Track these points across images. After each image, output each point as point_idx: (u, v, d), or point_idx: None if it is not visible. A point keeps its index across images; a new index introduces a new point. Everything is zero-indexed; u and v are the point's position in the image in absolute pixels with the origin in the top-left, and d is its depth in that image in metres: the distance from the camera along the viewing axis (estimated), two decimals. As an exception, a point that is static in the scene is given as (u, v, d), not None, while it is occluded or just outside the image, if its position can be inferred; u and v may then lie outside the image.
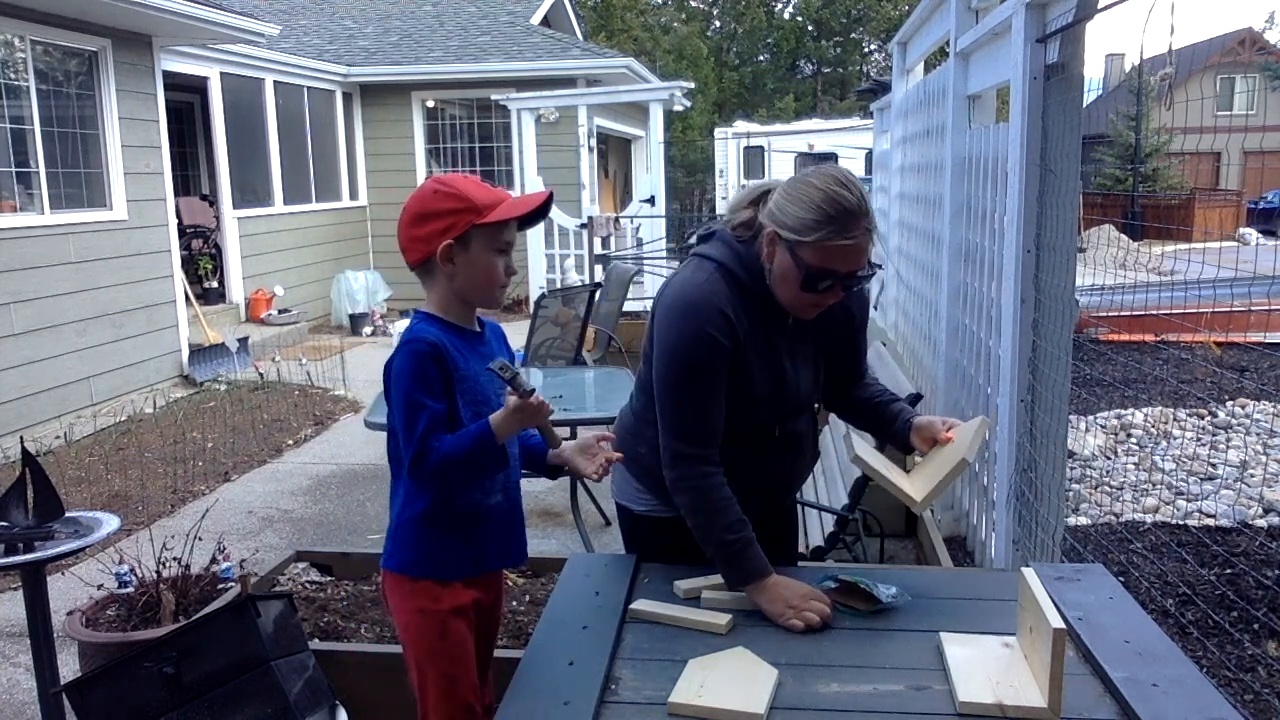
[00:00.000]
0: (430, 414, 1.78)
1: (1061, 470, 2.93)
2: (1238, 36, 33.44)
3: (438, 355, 1.80)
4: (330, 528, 4.92)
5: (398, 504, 1.93)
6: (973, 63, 4.18)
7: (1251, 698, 2.93)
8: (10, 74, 6.70)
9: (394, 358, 1.84)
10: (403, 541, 1.92)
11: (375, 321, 10.97)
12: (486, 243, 1.85)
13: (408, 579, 1.92)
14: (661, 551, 2.11)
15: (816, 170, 1.89)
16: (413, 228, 1.85)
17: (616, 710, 1.54)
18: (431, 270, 1.86)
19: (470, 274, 1.85)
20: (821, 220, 1.81)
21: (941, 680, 1.59)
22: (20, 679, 3.43)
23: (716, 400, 1.94)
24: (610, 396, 4.39)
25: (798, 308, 1.95)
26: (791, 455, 2.14)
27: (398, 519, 1.93)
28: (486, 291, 1.89)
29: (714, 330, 1.90)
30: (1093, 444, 5.61)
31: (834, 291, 1.89)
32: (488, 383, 1.90)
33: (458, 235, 1.82)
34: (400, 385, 1.80)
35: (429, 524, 1.90)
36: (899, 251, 7.10)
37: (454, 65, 12.33)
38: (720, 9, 41.03)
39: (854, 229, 1.82)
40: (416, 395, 1.78)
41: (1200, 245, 12.62)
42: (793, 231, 1.84)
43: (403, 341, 1.84)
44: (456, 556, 1.92)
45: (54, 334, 6.83)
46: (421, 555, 1.91)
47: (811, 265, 1.84)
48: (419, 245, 1.85)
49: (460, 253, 1.83)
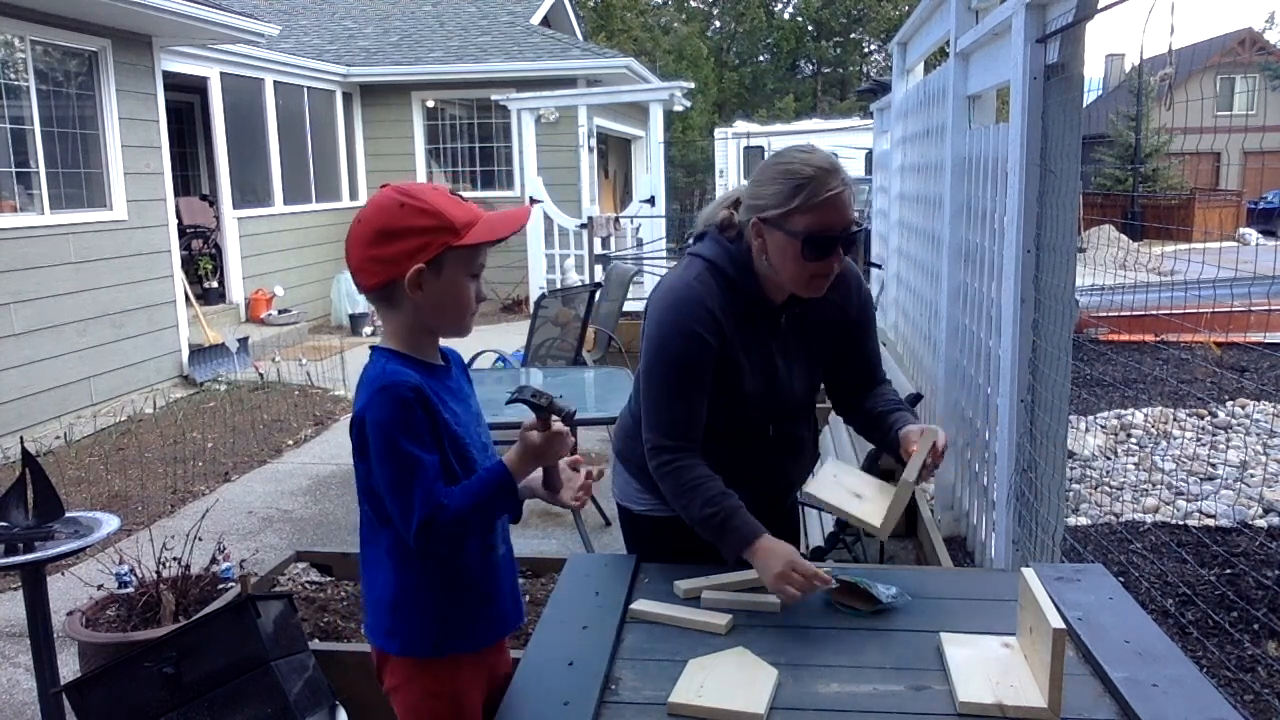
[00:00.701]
0: (428, 469, 1.53)
1: (1061, 470, 2.93)
2: (1238, 36, 33.44)
3: (423, 400, 1.55)
4: (330, 528, 4.92)
5: (384, 573, 1.65)
6: (973, 63, 4.18)
7: (1251, 698, 2.93)
8: (10, 74, 6.70)
9: (367, 408, 1.55)
10: (404, 616, 1.65)
11: (375, 322, 10.96)
12: (461, 267, 1.59)
13: (408, 661, 1.67)
14: (661, 551, 2.11)
15: (773, 155, 1.96)
16: (373, 247, 1.56)
17: (616, 710, 1.54)
18: (393, 296, 1.59)
19: (440, 302, 1.59)
20: (799, 185, 1.85)
21: (941, 680, 1.59)
22: (20, 679, 3.43)
23: (698, 395, 1.95)
24: (610, 397, 4.39)
25: (805, 283, 1.94)
26: (789, 457, 2.14)
27: (391, 591, 1.65)
28: (457, 321, 1.64)
29: (698, 326, 1.91)
30: (1093, 444, 5.61)
31: (836, 254, 1.90)
32: (468, 424, 1.67)
33: (430, 258, 1.55)
34: (385, 439, 1.53)
35: (431, 592, 1.65)
36: (899, 251, 7.09)
37: (454, 65, 12.34)
38: (720, 9, 41.03)
39: (831, 182, 1.85)
40: (408, 449, 1.52)
41: (1200, 245, 12.62)
42: (776, 209, 1.88)
43: (377, 388, 1.55)
44: (472, 625, 1.69)
45: (54, 334, 6.83)
46: (424, 631, 1.66)
47: (806, 230, 1.86)
48: (380, 268, 1.57)
49: (431, 278, 1.56)
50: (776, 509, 2.23)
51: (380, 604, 1.67)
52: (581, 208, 10.84)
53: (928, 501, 4.65)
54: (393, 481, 1.54)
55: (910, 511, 4.36)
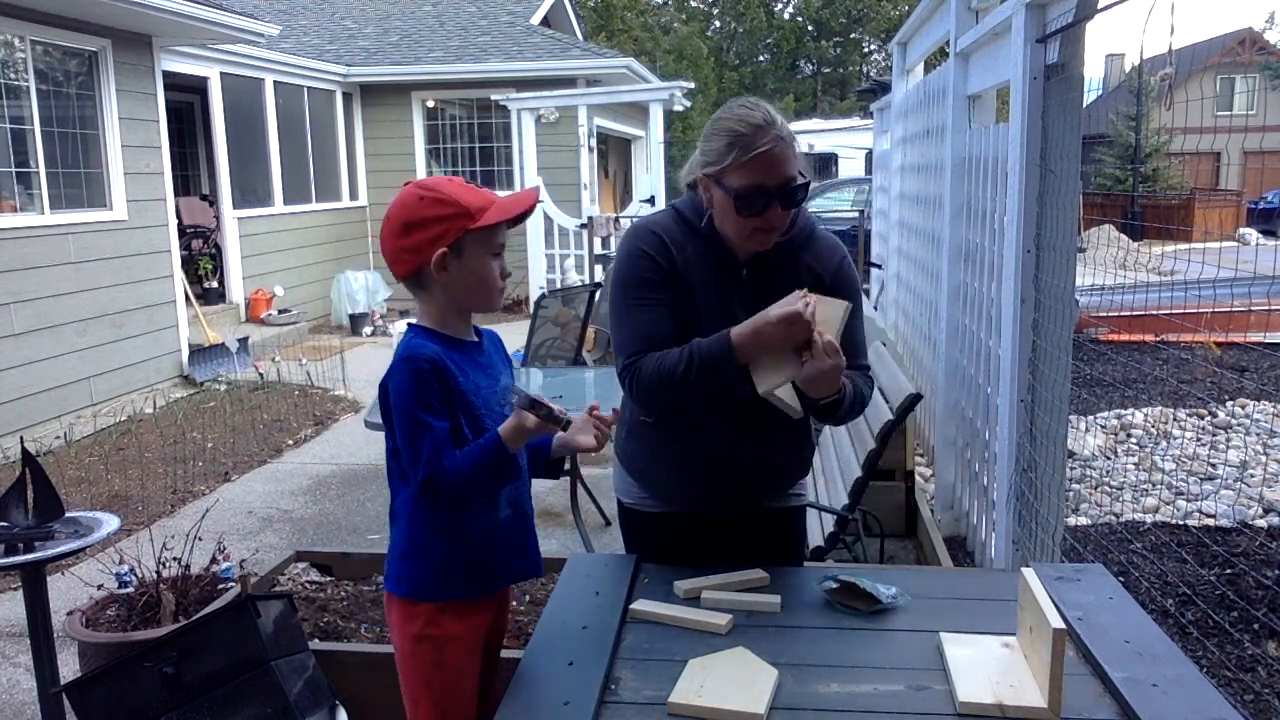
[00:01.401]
0: (435, 433, 1.70)
1: (1061, 470, 2.94)
2: (1238, 36, 33.43)
3: (438, 371, 1.72)
4: (330, 528, 4.92)
5: (402, 525, 1.84)
6: (973, 63, 4.18)
7: (1251, 698, 2.93)
8: (10, 74, 6.70)
9: (390, 375, 1.76)
10: (407, 563, 1.83)
11: (375, 322, 10.98)
12: (481, 247, 1.76)
13: (409, 602, 1.83)
14: (660, 547, 2.11)
15: (717, 111, 1.98)
16: (401, 238, 1.75)
17: (616, 710, 1.54)
18: (424, 281, 1.78)
19: (466, 281, 1.77)
20: (732, 141, 1.87)
21: (941, 680, 1.59)
22: (20, 679, 3.43)
23: (652, 311, 1.97)
24: (610, 397, 4.36)
25: (746, 237, 1.95)
26: (754, 420, 2.01)
27: (402, 541, 1.84)
28: (484, 297, 1.81)
29: (645, 246, 1.99)
30: (1093, 444, 5.61)
31: (774, 210, 1.90)
32: (489, 395, 1.82)
33: (451, 242, 1.73)
34: (401, 404, 1.72)
35: (435, 545, 1.82)
36: (899, 251, 7.10)
37: (454, 65, 12.34)
38: (720, 9, 41.04)
39: (762, 139, 1.86)
40: (419, 414, 1.70)
41: (1200, 245, 12.62)
42: (714, 165, 1.91)
43: (400, 358, 1.75)
44: (466, 577, 1.84)
45: (54, 334, 6.83)
46: (426, 578, 1.82)
47: (738, 187, 1.88)
48: (409, 256, 1.76)
49: (454, 260, 1.75)
50: (759, 501, 2.15)
51: (395, 552, 1.86)
52: (581, 208, 10.84)
53: (927, 502, 4.66)
54: (404, 442, 1.73)
55: (910, 511, 4.37)
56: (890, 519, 4.20)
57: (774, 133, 1.86)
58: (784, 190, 1.89)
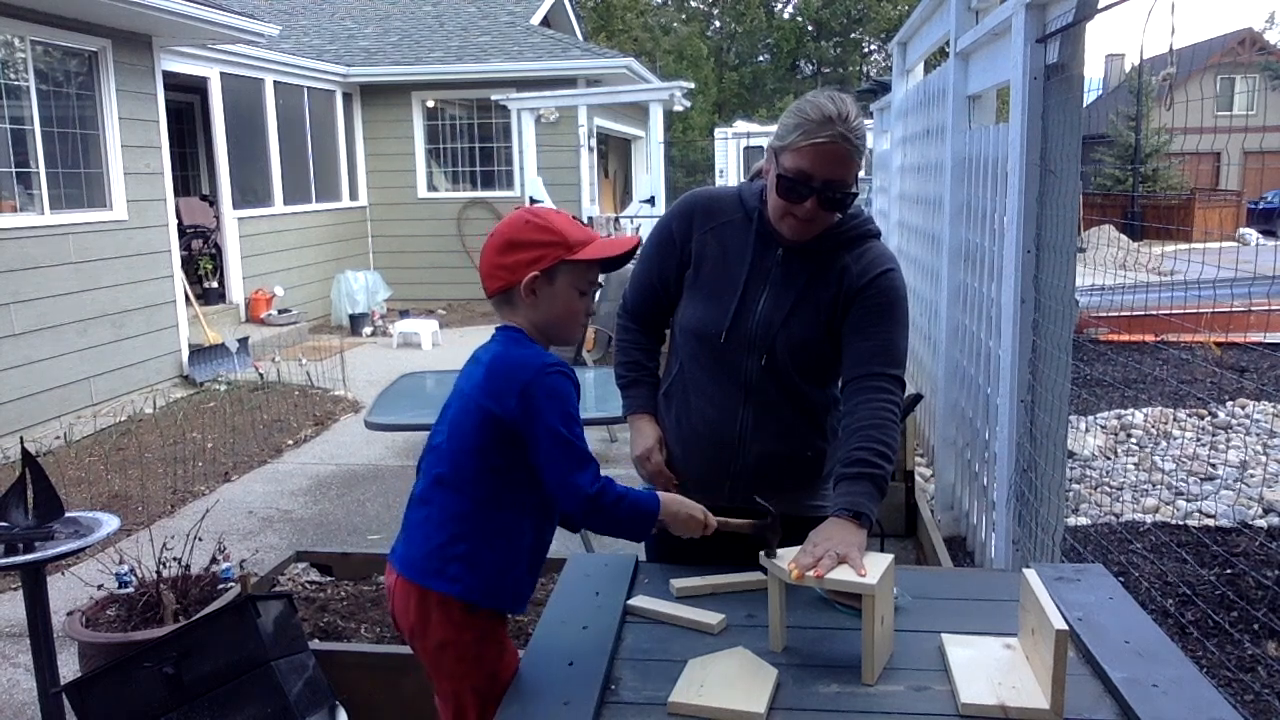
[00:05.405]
0: (586, 447, 1.73)
1: (1061, 470, 2.93)
2: (1238, 36, 33.45)
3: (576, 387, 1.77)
4: (330, 528, 4.92)
5: (469, 522, 1.77)
6: (973, 63, 4.18)
7: (1251, 698, 2.93)
8: (10, 74, 6.70)
9: (545, 376, 1.71)
10: (479, 567, 1.77)
11: (375, 322, 10.98)
12: (572, 280, 1.79)
13: (467, 606, 1.77)
14: (658, 540, 2.09)
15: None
16: (500, 255, 1.79)
17: (616, 710, 1.54)
18: (512, 301, 1.80)
19: (552, 309, 1.79)
20: (799, 123, 1.91)
21: (943, 681, 1.59)
22: (20, 679, 3.43)
23: (641, 266, 2.20)
24: (610, 397, 4.37)
25: (779, 218, 2.00)
26: (745, 392, 2.05)
27: (470, 538, 1.76)
28: (566, 328, 1.84)
29: (675, 210, 2.17)
30: (1093, 444, 5.61)
31: (811, 203, 1.92)
32: None
33: (545, 268, 1.76)
34: (562, 411, 1.70)
35: (517, 555, 1.79)
36: (899, 251, 7.09)
37: (454, 65, 12.34)
38: (720, 9, 41.02)
39: (825, 130, 1.88)
40: (576, 427, 1.71)
41: (1200, 245, 12.61)
42: (778, 139, 1.96)
43: (551, 361, 1.73)
44: (525, 591, 1.84)
45: (54, 334, 6.83)
46: (501, 585, 1.79)
47: (787, 168, 1.93)
48: (502, 273, 1.79)
49: (544, 286, 1.77)
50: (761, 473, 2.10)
51: (448, 549, 1.77)
52: (581, 208, 10.84)
53: (928, 502, 4.66)
54: (559, 448, 1.70)
55: (910, 511, 4.37)
56: (890, 519, 4.20)
57: (840, 129, 1.88)
58: (828, 187, 1.91)
